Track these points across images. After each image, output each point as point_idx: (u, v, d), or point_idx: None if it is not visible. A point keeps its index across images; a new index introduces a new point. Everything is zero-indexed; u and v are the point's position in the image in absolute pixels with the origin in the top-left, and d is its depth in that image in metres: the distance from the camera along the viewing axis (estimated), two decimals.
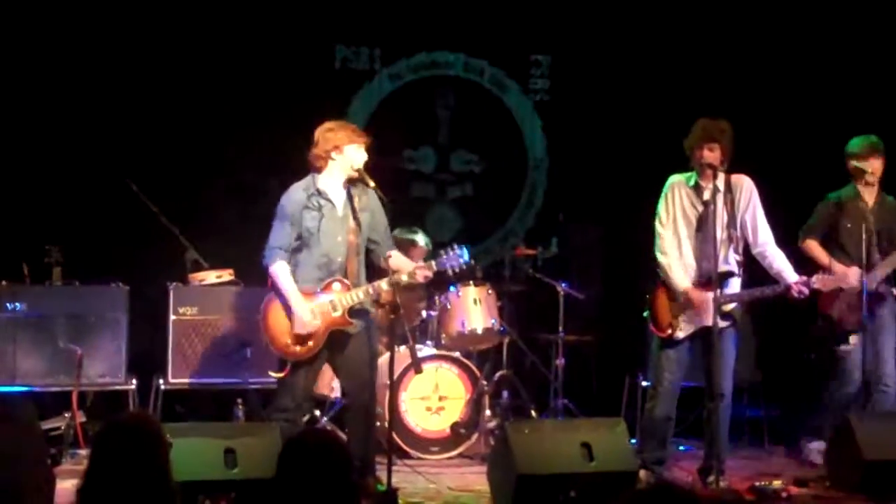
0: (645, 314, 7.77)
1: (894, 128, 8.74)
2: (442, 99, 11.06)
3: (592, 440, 6.90)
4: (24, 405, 3.73)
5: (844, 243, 8.35)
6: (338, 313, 7.20)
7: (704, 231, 7.56)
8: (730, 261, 7.50)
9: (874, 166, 8.26)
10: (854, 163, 8.29)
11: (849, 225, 8.34)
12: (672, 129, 7.82)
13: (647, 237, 7.72)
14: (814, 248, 8.38)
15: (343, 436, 7.57)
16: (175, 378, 8.76)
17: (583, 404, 9.45)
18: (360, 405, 7.34)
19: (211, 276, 9.01)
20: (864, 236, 8.07)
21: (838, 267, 8.15)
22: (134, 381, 8.68)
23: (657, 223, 7.68)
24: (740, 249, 7.58)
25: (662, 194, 7.70)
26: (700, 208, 7.60)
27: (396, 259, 7.43)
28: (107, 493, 3.94)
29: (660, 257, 7.64)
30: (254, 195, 9.40)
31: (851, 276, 8.03)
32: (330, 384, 8.43)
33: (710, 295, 7.36)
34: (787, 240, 8.06)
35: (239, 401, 8.78)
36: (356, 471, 7.15)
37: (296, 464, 4.06)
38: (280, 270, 7.21)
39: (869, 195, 8.39)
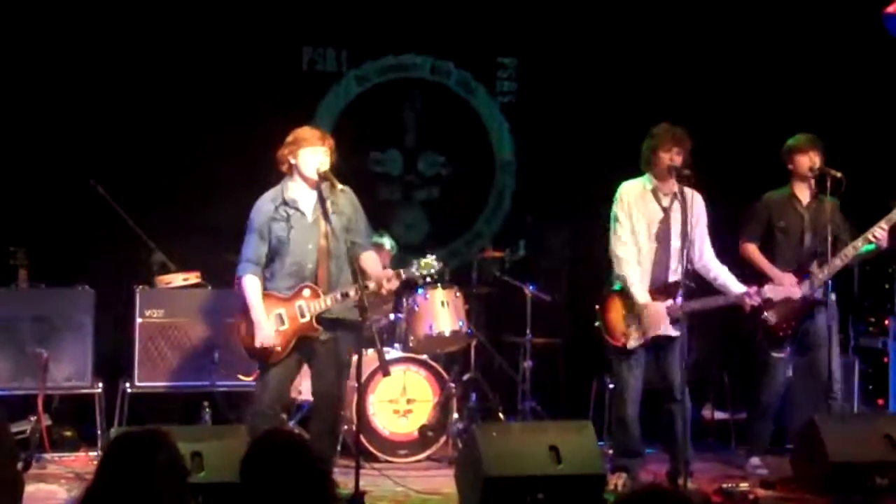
0: (597, 324, 7.79)
1: (837, 133, 8.82)
2: (409, 101, 11.04)
3: (560, 443, 6.90)
4: None
5: (779, 244, 8.37)
6: (305, 319, 7.20)
7: (662, 238, 7.62)
8: (684, 270, 7.53)
9: (814, 160, 8.26)
10: (797, 156, 8.29)
11: (782, 224, 8.37)
12: (639, 131, 7.85)
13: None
14: (753, 252, 8.36)
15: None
16: (141, 381, 8.72)
17: (550, 407, 9.48)
18: (326, 410, 7.39)
19: (178, 279, 8.98)
20: (798, 236, 8.23)
21: (776, 273, 8.16)
22: (100, 385, 8.64)
23: (613, 237, 7.71)
24: (690, 259, 7.62)
25: (616, 201, 7.73)
26: (660, 214, 7.64)
27: (368, 261, 7.40)
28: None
29: (618, 269, 7.70)
30: (221, 197, 9.36)
31: (787, 282, 8.06)
32: (297, 387, 8.40)
33: (664, 305, 7.43)
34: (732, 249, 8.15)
35: (206, 404, 8.76)
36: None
37: (261, 465, 4.05)
38: (248, 283, 7.24)
39: (804, 194, 8.39)
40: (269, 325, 7.17)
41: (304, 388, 8.31)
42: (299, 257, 7.26)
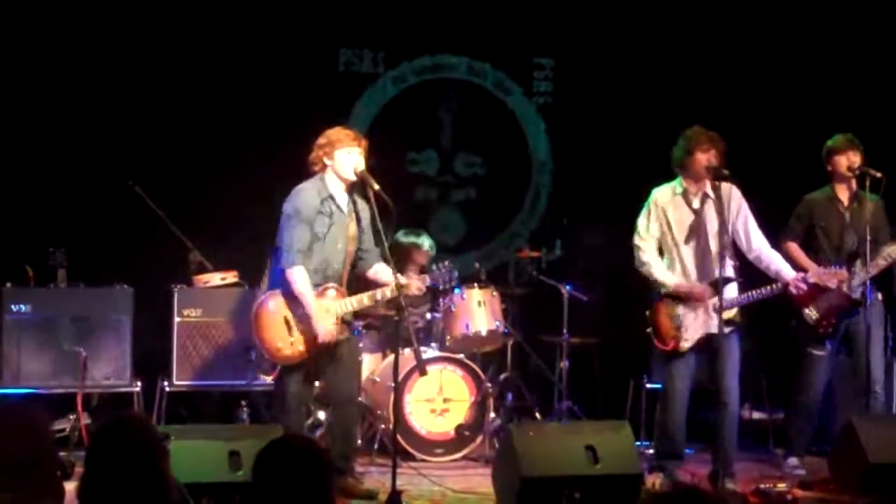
0: (648, 330, 7.79)
1: (878, 132, 8.76)
2: (445, 102, 11.05)
3: (597, 442, 6.90)
4: (39, 413, 3.70)
5: (821, 245, 8.34)
6: (331, 320, 7.25)
7: (699, 239, 7.62)
8: (726, 267, 7.52)
9: (853, 160, 8.22)
10: (836, 157, 8.27)
11: (823, 224, 8.34)
12: (675, 132, 7.83)
13: None
14: (794, 250, 8.32)
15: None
16: (179, 380, 8.77)
17: (587, 407, 9.45)
18: (345, 408, 7.52)
19: (215, 278, 9.01)
20: (839, 236, 8.23)
21: (818, 270, 8.13)
22: (138, 383, 8.69)
23: (636, 237, 7.76)
24: (734, 255, 7.61)
25: (646, 206, 7.76)
26: (692, 217, 7.64)
27: (381, 272, 7.43)
28: (105, 495, 3.94)
29: (641, 268, 7.73)
30: (258, 197, 9.39)
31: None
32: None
33: (707, 289, 7.47)
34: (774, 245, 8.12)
35: (243, 403, 8.80)
36: (335, 472, 7.25)
37: (271, 469, 4.08)
38: (299, 275, 7.24)
39: (844, 194, 8.35)
40: (327, 319, 7.21)
41: None
42: (328, 255, 7.32)
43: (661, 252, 7.82)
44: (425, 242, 9.35)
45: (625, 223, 8.71)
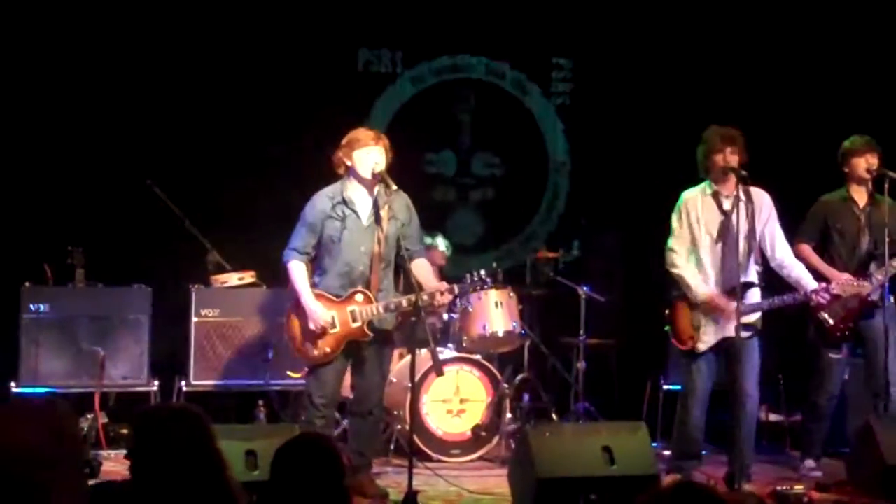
0: (666, 328, 7.77)
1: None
2: (463, 102, 11.05)
3: (613, 444, 6.88)
4: (64, 409, 3.70)
5: (836, 246, 8.31)
6: (357, 324, 7.29)
7: (726, 241, 7.57)
8: (750, 271, 7.50)
9: (871, 162, 8.18)
10: (854, 159, 8.22)
11: (839, 226, 8.30)
12: (694, 133, 7.81)
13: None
14: (808, 253, 8.27)
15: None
16: (197, 380, 8.79)
17: (604, 408, 9.44)
18: (366, 408, 7.53)
19: (233, 279, 9.03)
20: (855, 238, 8.18)
21: (833, 272, 8.08)
22: (156, 383, 8.72)
23: (670, 239, 7.71)
24: (759, 260, 7.59)
25: (676, 209, 7.72)
26: (721, 217, 7.60)
27: (421, 269, 7.44)
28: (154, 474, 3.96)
29: (674, 271, 7.67)
30: (277, 197, 9.41)
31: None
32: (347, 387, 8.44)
33: (731, 304, 7.40)
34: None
35: (260, 402, 8.82)
36: (351, 469, 7.26)
37: (288, 467, 4.09)
38: (294, 269, 7.36)
39: (860, 196, 8.31)
40: (321, 307, 7.27)
41: None
42: (350, 259, 7.33)
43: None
44: (441, 243, 9.37)
45: (643, 224, 8.75)
